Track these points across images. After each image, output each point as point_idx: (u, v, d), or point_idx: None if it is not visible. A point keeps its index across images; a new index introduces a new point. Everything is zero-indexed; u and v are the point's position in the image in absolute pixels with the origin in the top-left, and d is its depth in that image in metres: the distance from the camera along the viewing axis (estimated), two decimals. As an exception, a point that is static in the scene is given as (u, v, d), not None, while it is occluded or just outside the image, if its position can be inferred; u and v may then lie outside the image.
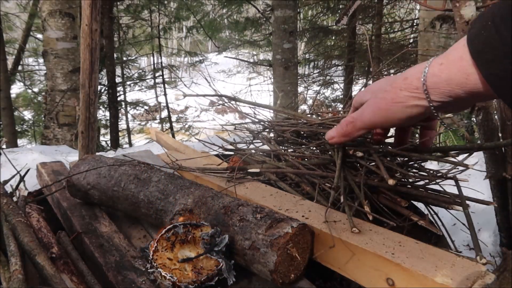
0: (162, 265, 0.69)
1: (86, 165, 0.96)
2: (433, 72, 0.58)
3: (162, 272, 0.67)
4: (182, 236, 0.73)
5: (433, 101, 0.59)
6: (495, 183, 1.53)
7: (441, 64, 0.57)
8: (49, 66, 4.14)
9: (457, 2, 1.21)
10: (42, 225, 0.84)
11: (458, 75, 0.55)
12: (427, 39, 3.73)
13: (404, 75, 0.62)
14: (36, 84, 6.69)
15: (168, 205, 0.83)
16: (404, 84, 0.61)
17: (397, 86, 0.62)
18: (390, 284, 0.66)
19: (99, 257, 0.79)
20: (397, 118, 0.64)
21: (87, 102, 1.77)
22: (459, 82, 0.55)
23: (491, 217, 1.72)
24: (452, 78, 0.56)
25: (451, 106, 0.60)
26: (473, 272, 0.62)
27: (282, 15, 4.86)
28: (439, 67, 0.57)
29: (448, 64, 0.56)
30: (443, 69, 0.57)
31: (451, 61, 0.56)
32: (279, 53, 4.97)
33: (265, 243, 0.69)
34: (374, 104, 0.66)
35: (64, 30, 4.04)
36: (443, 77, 0.56)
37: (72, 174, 0.96)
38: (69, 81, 4.11)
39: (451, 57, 0.56)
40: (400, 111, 0.63)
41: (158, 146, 1.61)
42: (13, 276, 0.61)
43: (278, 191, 0.96)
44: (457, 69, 0.55)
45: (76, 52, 4.10)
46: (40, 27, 4.49)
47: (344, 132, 0.72)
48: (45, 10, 4.03)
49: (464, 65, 0.53)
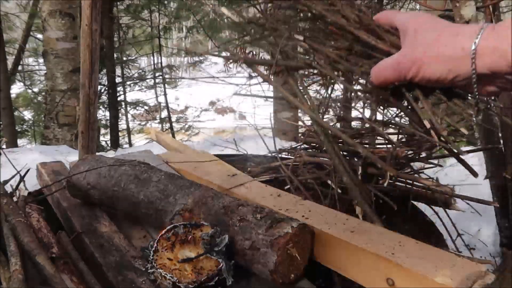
0: (162, 265, 0.69)
1: (86, 165, 0.96)
2: (486, 35, 0.52)
3: (162, 272, 0.67)
4: (182, 236, 0.73)
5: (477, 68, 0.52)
6: (495, 183, 1.53)
7: (493, 28, 0.52)
8: (49, 66, 4.13)
9: (457, 2, 1.21)
10: (42, 225, 0.84)
11: (505, 44, 0.50)
12: (427, 39, 3.72)
13: (455, 29, 0.55)
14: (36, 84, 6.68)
15: (168, 205, 0.83)
16: (452, 40, 0.54)
17: (443, 40, 0.55)
18: (390, 284, 0.66)
19: (99, 257, 0.79)
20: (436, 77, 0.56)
21: (87, 102, 1.77)
22: (504, 53, 0.50)
23: (491, 217, 1.72)
24: (499, 47, 0.50)
25: (488, 84, 0.55)
26: (473, 272, 0.62)
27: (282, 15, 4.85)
28: (490, 32, 0.52)
29: (500, 30, 0.51)
30: (492, 34, 0.51)
31: (504, 26, 0.51)
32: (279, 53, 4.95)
33: (265, 243, 0.69)
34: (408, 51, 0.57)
35: (64, 30, 4.04)
36: (490, 43, 0.51)
37: (72, 174, 0.96)
38: (69, 81, 4.11)
39: (506, 23, 0.51)
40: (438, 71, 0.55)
41: (158, 146, 1.61)
42: (13, 276, 0.61)
43: (278, 191, 0.96)
44: (506, 36, 0.50)
45: (76, 52, 4.10)
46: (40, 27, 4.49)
47: (384, 75, 0.61)
48: (45, 10, 4.03)
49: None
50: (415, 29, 0.58)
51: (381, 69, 0.61)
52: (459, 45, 0.53)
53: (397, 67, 0.59)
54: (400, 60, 0.59)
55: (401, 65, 0.58)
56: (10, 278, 0.62)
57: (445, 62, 0.55)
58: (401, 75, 0.58)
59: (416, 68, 0.57)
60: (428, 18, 0.59)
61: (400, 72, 0.58)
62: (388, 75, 0.60)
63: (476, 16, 1.24)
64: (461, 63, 0.54)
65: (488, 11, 1.35)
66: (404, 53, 0.59)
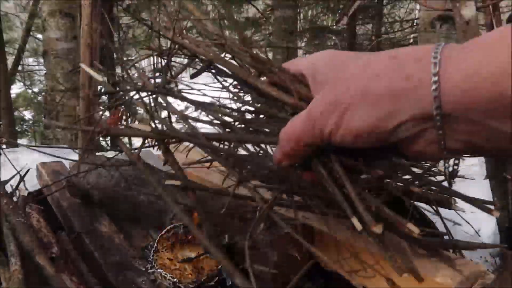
0: (162, 265, 0.69)
1: (86, 165, 0.96)
2: (448, 52, 0.33)
3: (162, 273, 0.67)
4: (182, 236, 0.73)
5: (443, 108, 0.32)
6: (495, 183, 1.53)
7: (456, 46, 0.33)
8: (49, 66, 4.13)
9: (457, 2, 1.21)
10: (42, 225, 0.84)
11: (495, 62, 0.30)
12: (427, 39, 3.73)
13: (387, 53, 0.36)
14: (36, 84, 6.68)
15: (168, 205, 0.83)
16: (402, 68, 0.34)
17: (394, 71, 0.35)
18: (390, 284, 0.66)
19: (99, 257, 0.79)
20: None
21: (87, 102, 1.77)
22: (487, 86, 0.30)
23: (491, 217, 1.72)
24: (481, 69, 0.30)
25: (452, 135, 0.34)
26: (473, 272, 0.62)
27: (282, 15, 4.86)
28: (456, 49, 0.33)
29: (476, 51, 0.31)
30: (464, 57, 0.32)
31: (481, 46, 0.31)
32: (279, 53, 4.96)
33: (265, 243, 0.69)
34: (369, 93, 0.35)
35: (64, 30, 4.03)
36: (461, 62, 0.32)
37: (72, 174, 0.96)
38: (69, 81, 4.11)
39: (482, 42, 0.32)
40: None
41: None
42: (13, 276, 0.61)
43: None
44: (491, 59, 0.30)
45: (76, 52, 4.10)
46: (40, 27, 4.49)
47: (288, 150, 0.42)
48: (45, 10, 4.03)
49: (503, 56, 0.29)
50: (326, 64, 0.41)
51: (289, 131, 0.41)
52: (404, 70, 0.33)
53: (309, 120, 0.39)
54: (312, 110, 0.39)
55: (315, 115, 0.38)
56: (10, 278, 0.62)
57: (382, 101, 0.34)
58: (315, 131, 0.38)
59: (337, 115, 0.36)
60: (337, 51, 0.43)
61: (314, 126, 0.38)
62: (299, 135, 0.40)
63: (476, 16, 1.24)
64: (411, 98, 0.33)
65: (488, 11, 1.35)
66: (319, 99, 0.39)
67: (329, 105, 0.37)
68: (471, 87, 0.30)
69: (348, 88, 0.36)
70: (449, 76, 0.31)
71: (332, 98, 0.37)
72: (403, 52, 0.35)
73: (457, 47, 0.33)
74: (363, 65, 0.37)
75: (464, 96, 0.31)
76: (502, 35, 0.30)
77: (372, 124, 0.35)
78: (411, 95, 0.33)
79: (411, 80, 0.33)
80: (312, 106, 0.39)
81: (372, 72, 0.35)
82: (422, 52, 0.34)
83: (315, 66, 0.43)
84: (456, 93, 0.31)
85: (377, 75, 0.35)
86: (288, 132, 0.41)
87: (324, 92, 0.39)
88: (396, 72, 0.34)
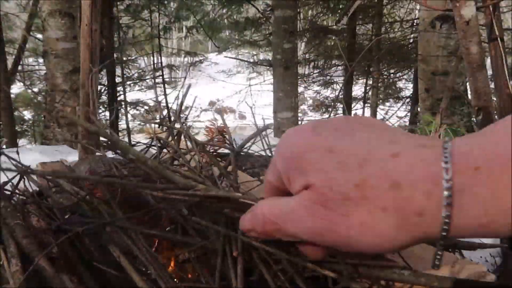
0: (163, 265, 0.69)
1: (86, 165, 0.96)
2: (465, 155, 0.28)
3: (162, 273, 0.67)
4: (182, 236, 0.73)
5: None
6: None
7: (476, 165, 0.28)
8: (49, 66, 4.14)
9: (457, 2, 1.21)
10: (42, 225, 0.84)
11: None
12: (427, 39, 3.73)
13: (384, 173, 0.30)
14: (36, 84, 6.69)
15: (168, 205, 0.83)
16: (396, 194, 0.29)
17: (378, 199, 0.30)
18: (390, 284, 0.66)
19: (99, 257, 0.78)
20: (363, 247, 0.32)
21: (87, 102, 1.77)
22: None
23: (491, 217, 1.72)
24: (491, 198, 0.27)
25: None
26: (473, 272, 0.62)
27: (282, 15, 4.87)
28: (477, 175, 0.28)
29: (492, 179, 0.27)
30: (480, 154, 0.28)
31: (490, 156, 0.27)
32: (279, 53, 4.97)
33: (265, 243, 0.69)
34: (325, 216, 0.31)
35: (64, 30, 4.04)
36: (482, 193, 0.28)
37: (72, 174, 0.96)
38: (69, 81, 4.11)
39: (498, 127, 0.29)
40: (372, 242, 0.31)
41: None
42: (14, 277, 0.61)
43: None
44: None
45: (76, 52, 4.10)
46: (40, 27, 4.49)
47: (264, 231, 0.37)
48: (45, 10, 4.03)
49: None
50: (305, 151, 0.33)
51: (275, 215, 0.36)
52: (414, 204, 0.29)
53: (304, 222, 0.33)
54: (303, 206, 0.33)
55: (306, 217, 0.33)
56: (10, 279, 0.62)
57: (391, 235, 0.31)
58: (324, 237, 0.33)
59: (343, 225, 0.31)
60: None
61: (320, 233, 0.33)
62: (287, 229, 0.35)
63: (476, 16, 1.24)
64: (421, 231, 0.30)
65: (488, 11, 1.35)
66: (307, 197, 0.32)
67: (331, 201, 0.32)
68: (489, 220, 0.28)
69: (357, 184, 0.30)
70: (465, 214, 0.28)
71: (337, 191, 0.31)
72: (406, 179, 0.29)
73: (470, 168, 0.28)
74: (366, 154, 0.31)
75: (479, 227, 0.29)
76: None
77: (388, 241, 0.31)
78: (423, 228, 0.30)
79: (423, 216, 0.29)
80: (296, 203, 0.34)
81: (376, 206, 0.30)
82: (430, 180, 0.29)
83: (293, 150, 0.35)
84: (471, 228, 0.29)
85: (383, 209, 0.30)
86: (275, 215, 0.36)
87: (319, 186, 0.32)
88: (406, 209, 0.29)
